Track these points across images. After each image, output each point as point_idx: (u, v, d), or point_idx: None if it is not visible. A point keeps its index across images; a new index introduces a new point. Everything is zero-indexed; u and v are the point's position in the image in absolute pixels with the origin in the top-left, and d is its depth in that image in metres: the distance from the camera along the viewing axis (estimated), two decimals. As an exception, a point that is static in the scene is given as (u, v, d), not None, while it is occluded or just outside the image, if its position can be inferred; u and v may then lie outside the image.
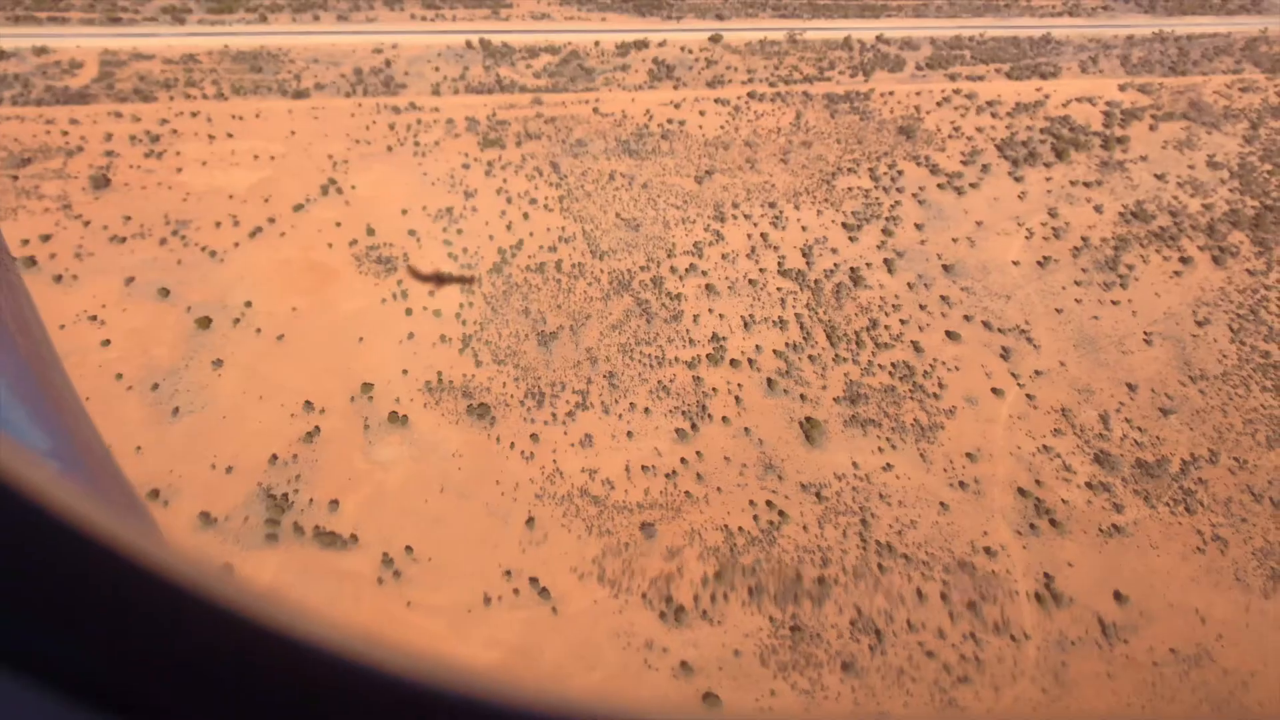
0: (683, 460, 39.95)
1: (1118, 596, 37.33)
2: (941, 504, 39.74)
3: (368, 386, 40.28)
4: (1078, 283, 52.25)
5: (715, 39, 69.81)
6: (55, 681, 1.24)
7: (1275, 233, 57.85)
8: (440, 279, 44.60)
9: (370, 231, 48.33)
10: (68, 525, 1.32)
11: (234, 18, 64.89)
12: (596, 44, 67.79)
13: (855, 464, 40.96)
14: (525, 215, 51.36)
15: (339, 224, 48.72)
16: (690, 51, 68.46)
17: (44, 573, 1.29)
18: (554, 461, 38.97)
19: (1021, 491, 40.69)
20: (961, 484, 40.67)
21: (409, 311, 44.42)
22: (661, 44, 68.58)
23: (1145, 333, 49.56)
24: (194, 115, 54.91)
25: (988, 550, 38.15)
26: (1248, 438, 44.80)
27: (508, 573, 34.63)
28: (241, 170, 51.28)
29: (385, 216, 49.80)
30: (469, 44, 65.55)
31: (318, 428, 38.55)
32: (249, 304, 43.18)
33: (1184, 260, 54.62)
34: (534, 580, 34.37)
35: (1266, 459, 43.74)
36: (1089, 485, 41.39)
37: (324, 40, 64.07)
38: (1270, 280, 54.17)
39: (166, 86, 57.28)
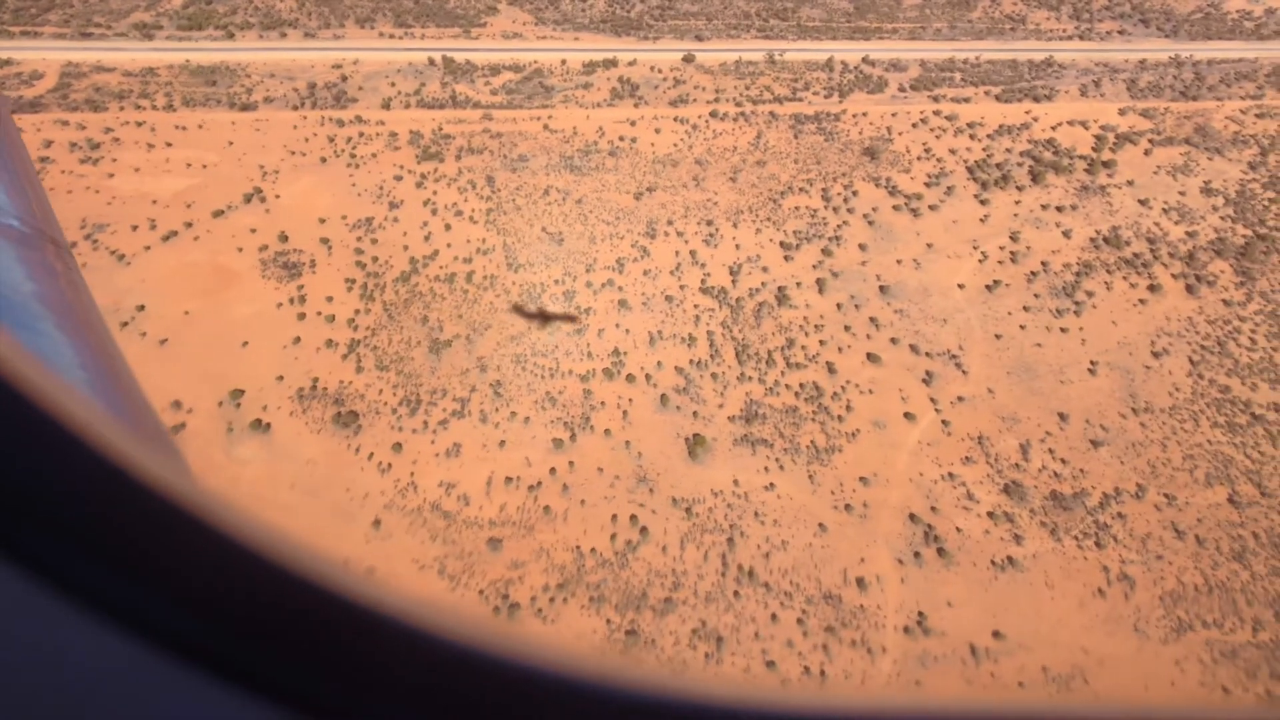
0: (552, 470, 40.75)
1: (996, 635, 36.67)
2: (820, 525, 39.68)
3: (238, 392, 42.15)
4: (1026, 308, 51.70)
5: (688, 59, 71.51)
6: (90, 605, 1.45)
7: (1263, 263, 56.38)
8: (545, 317, 46.59)
9: (283, 238, 50.74)
10: (107, 458, 1.53)
11: (202, 34, 69.13)
12: (563, 63, 70.11)
13: (736, 481, 41.19)
14: (447, 226, 53.26)
15: (254, 230, 51.27)
16: (659, 71, 70.24)
17: (83, 502, 1.49)
18: (411, 474, 40.13)
19: (913, 518, 40.37)
20: (847, 507, 40.54)
21: (302, 316, 46.42)
22: (631, 63, 70.56)
23: (1092, 362, 48.74)
24: (139, 125, 58.56)
25: (860, 581, 37.85)
26: (1184, 474, 43.63)
27: (346, 560, 35.70)
28: (172, 177, 54.45)
29: (302, 225, 52.24)
30: (431, 61, 68.50)
31: (183, 423, 40.52)
32: (141, 307, 45.64)
33: (1153, 288, 53.59)
34: (371, 569, 35.45)
35: (1200, 496, 42.52)
36: (990, 515, 40.83)
37: (285, 56, 67.75)
38: (1247, 311, 52.76)
39: (120, 97, 61.29)
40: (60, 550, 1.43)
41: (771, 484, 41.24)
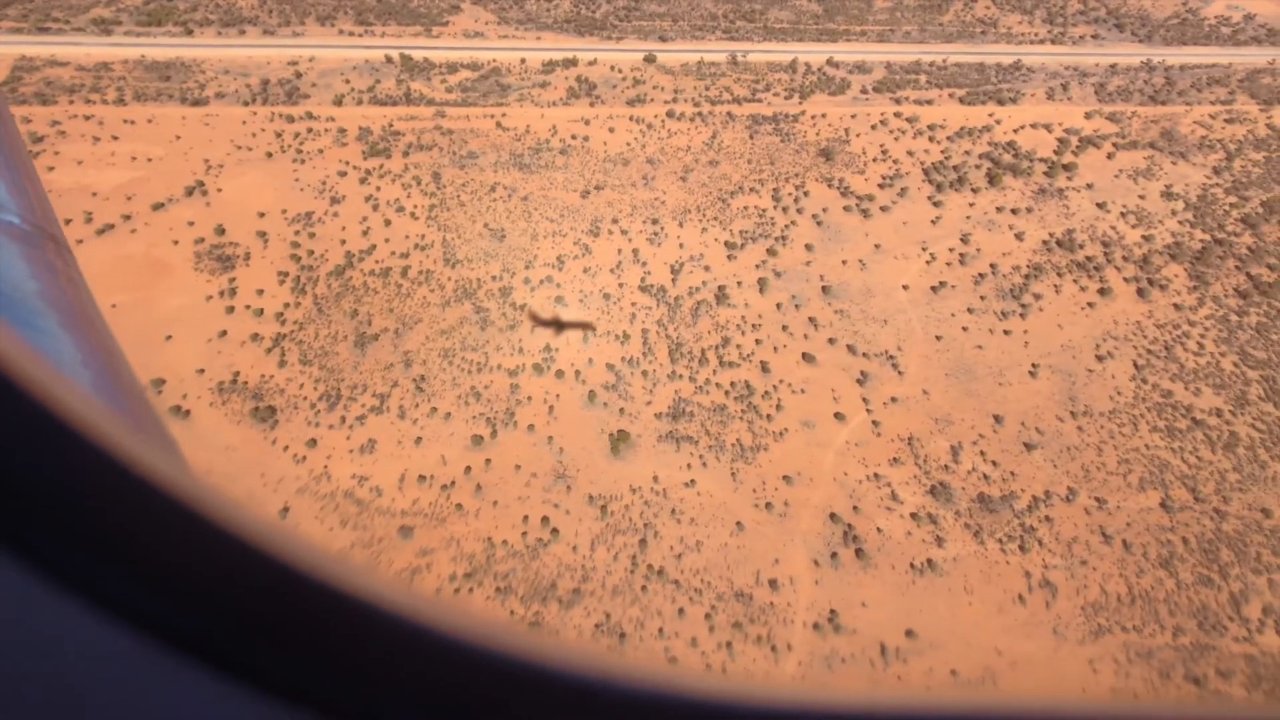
0: (467, 469, 40.78)
1: (909, 634, 36.56)
2: (738, 524, 39.59)
3: (159, 381, 42.36)
4: (970, 310, 51.62)
5: (649, 60, 71.77)
6: (90, 599, 1.49)
7: (1219, 267, 56.21)
8: (560, 324, 46.78)
9: (220, 231, 51.02)
10: (113, 455, 1.57)
11: (160, 30, 69.69)
12: (522, 62, 70.47)
13: (656, 478, 41.15)
14: (387, 222, 53.48)
15: (192, 223, 51.57)
16: (619, 71, 70.52)
17: (84, 497, 1.52)
18: (325, 466, 40.26)
19: (834, 517, 40.24)
20: (768, 505, 40.45)
21: (230, 310, 46.63)
22: (591, 63, 70.86)
23: (1033, 364, 48.60)
24: (87, 119, 59.02)
25: (772, 583, 37.77)
26: (1118, 478, 43.43)
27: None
28: (115, 170, 54.84)
29: (241, 218, 52.53)
30: (388, 59, 68.91)
31: (97, 414, 40.68)
32: (68, 295, 45.89)
33: (1103, 292, 53.46)
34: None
35: (1132, 501, 42.32)
36: (914, 516, 40.69)
37: (241, 53, 68.24)
38: (1198, 316, 52.58)
39: (71, 91, 61.80)
40: (66, 545, 1.46)
41: (692, 480, 41.19)
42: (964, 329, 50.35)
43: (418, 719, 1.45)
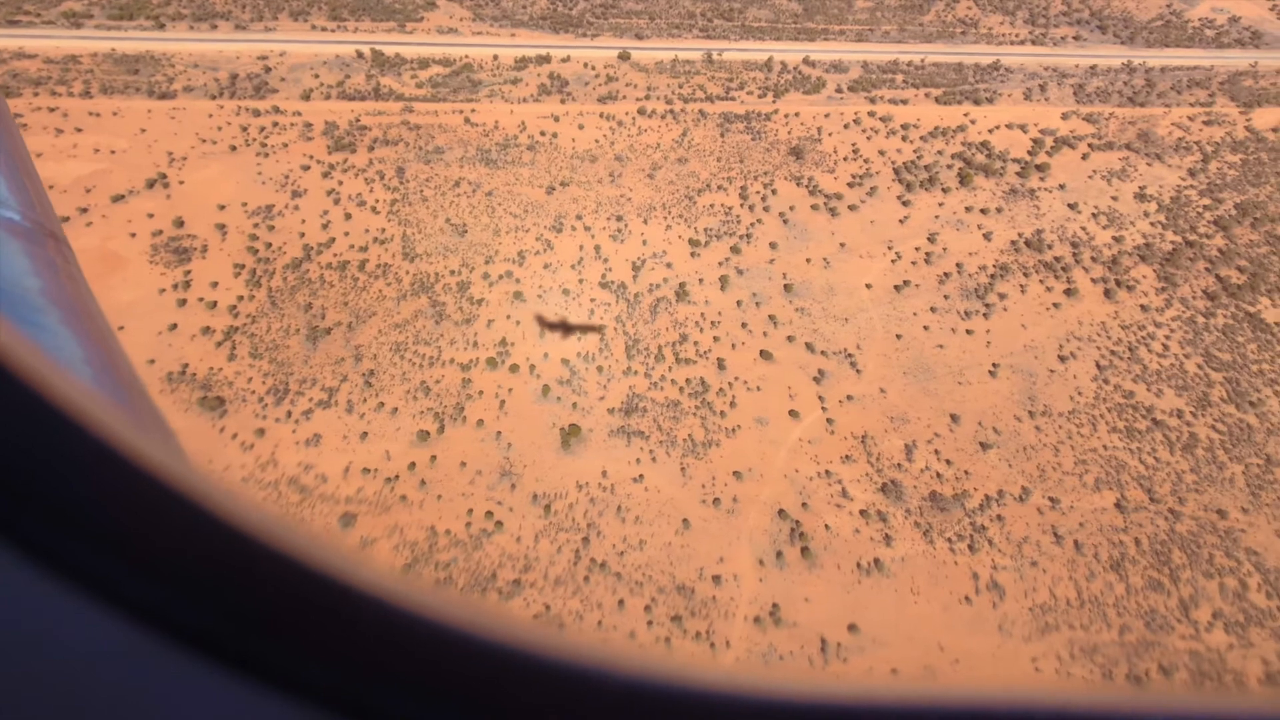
0: (411, 465, 40.84)
1: (852, 628, 36.58)
2: (684, 521, 39.62)
3: (106, 369, 42.44)
4: (933, 309, 51.66)
5: (624, 57, 71.93)
6: (94, 593, 1.49)
7: (1188, 269, 56.22)
8: (568, 328, 46.96)
9: (178, 224, 51.16)
10: (112, 447, 1.58)
11: (132, 24, 69.93)
12: (495, 58, 70.62)
13: (604, 473, 41.19)
14: (348, 216, 53.61)
15: (151, 215, 51.71)
16: (592, 68, 70.68)
17: (89, 493, 1.54)
18: (272, 454, 40.38)
19: (782, 514, 40.26)
20: (715, 501, 40.48)
21: (183, 303, 46.73)
22: (565, 60, 71.02)
23: (994, 364, 48.63)
24: (51, 110, 59.18)
25: (716, 578, 37.81)
26: (1074, 478, 43.45)
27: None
28: (76, 162, 54.99)
29: (201, 211, 52.66)
30: (360, 54, 69.09)
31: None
32: (19, 286, 46.04)
33: (1069, 292, 53.48)
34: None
35: (1086, 501, 42.33)
36: (863, 514, 40.72)
37: (212, 47, 68.45)
38: (1164, 317, 52.58)
39: (36, 84, 61.97)
40: (68, 537, 1.48)
41: (640, 476, 41.23)
42: (925, 328, 50.37)
43: (418, 708, 1.48)
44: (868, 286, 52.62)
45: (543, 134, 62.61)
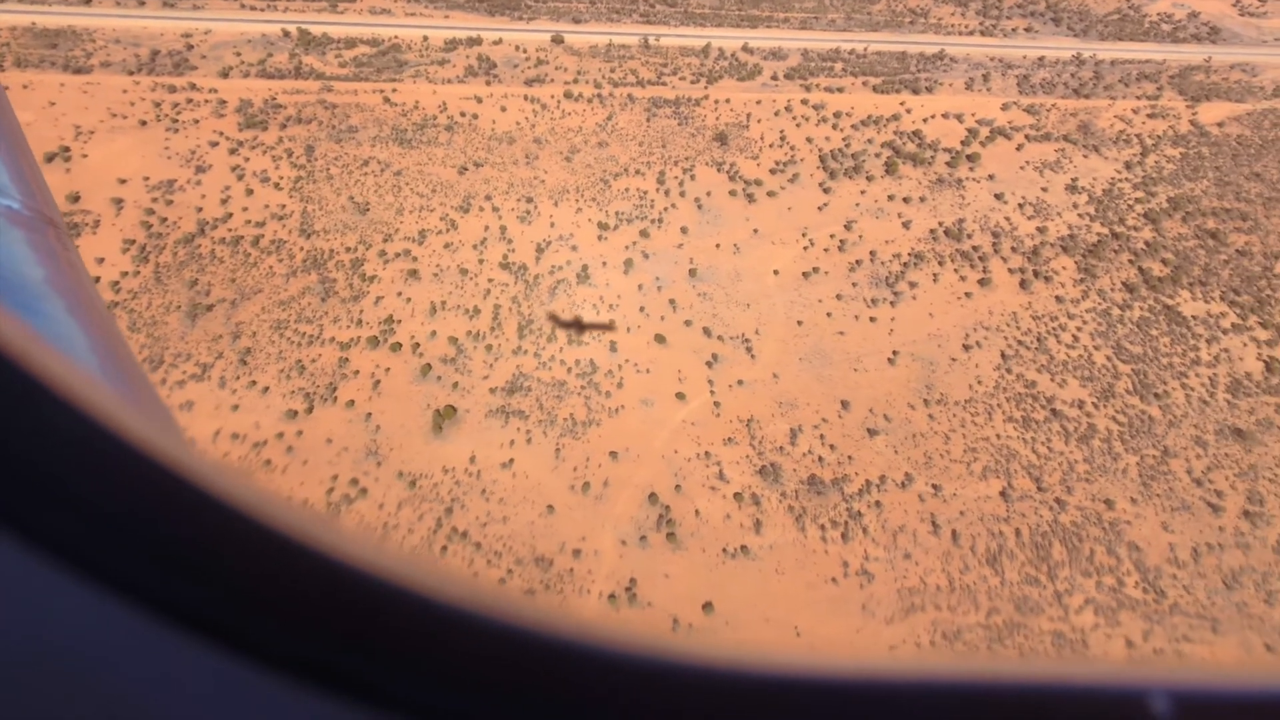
0: (279, 435, 41.02)
1: (707, 607, 36.63)
2: (549, 507, 39.69)
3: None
4: (839, 296, 51.73)
5: (557, 40, 72.15)
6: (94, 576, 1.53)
7: (1111, 261, 56.24)
8: (581, 325, 47.19)
9: (73, 199, 51.40)
10: (117, 434, 1.59)
11: (57, -1, 70.44)
12: (425, 39, 70.88)
13: (473, 458, 41.29)
14: (249, 191, 53.82)
15: (45, 189, 51.92)
16: (524, 51, 70.91)
17: (90, 478, 1.55)
18: (134, 423, 40.57)
19: (652, 498, 40.30)
20: (585, 486, 40.53)
21: (65, 273, 46.92)
22: (497, 42, 71.26)
23: (894, 352, 48.68)
24: (-40, 84, 59.53)
25: (576, 552, 37.93)
26: (961, 466, 43.48)
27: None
28: (-23, 135, 55.26)
29: (100, 186, 52.90)
30: (285, 33, 69.42)
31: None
32: (-104, 255, 46.32)
33: (983, 282, 53.53)
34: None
35: (971, 489, 42.37)
36: (737, 496, 40.75)
37: (136, 23, 68.77)
38: (1079, 309, 52.61)
39: (-52, 57, 62.45)
40: (73, 526, 1.50)
41: (510, 461, 41.29)
42: (828, 315, 50.47)
43: (428, 692, 1.49)
44: (775, 273, 52.70)
45: (463, 115, 62.82)
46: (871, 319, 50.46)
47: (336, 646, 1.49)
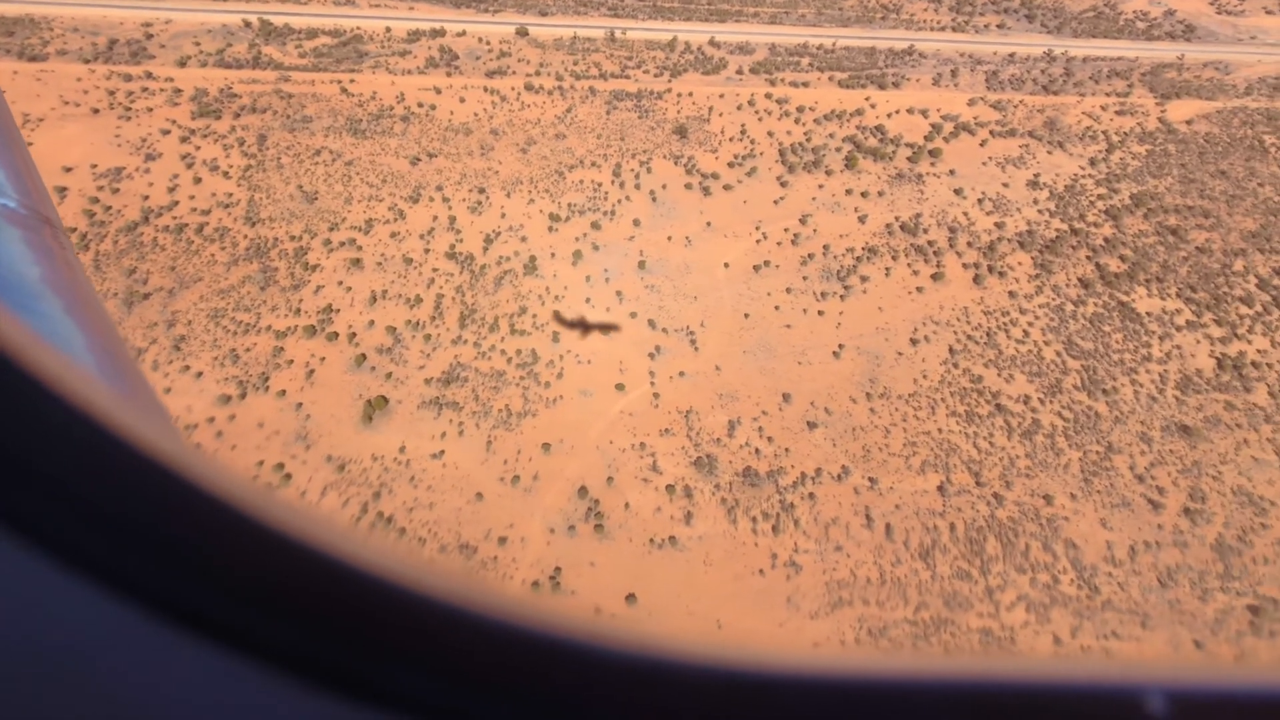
0: (210, 419, 41.01)
1: (630, 598, 36.56)
2: (478, 494, 39.64)
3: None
4: (789, 290, 51.65)
5: (521, 33, 72.22)
6: (94, 574, 1.52)
7: (1068, 257, 56.15)
8: (586, 326, 47.19)
9: (17, 184, 51.38)
10: (114, 433, 1.61)
11: (18, -13, 70.54)
12: (388, 30, 70.98)
13: (402, 448, 41.23)
14: (197, 180, 53.85)
15: (-10, 176, 51.98)
16: (487, 43, 70.97)
17: (90, 478, 1.57)
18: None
19: (582, 491, 40.22)
20: (515, 479, 40.46)
21: None
22: (460, 34, 71.35)
23: (840, 345, 48.58)
24: (-91, 71, 59.72)
25: (501, 539, 37.89)
26: (899, 459, 43.37)
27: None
28: (-75, 122, 55.33)
29: (48, 172, 52.75)
30: (246, 23, 69.52)
31: None
32: None
33: (936, 277, 53.45)
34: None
35: (907, 483, 42.25)
36: (669, 489, 40.63)
37: (96, 12, 68.89)
38: (1032, 304, 52.50)
39: (-98, 44, 62.56)
40: (73, 524, 1.52)
41: (441, 451, 41.24)
42: (776, 308, 50.39)
43: (429, 689, 1.52)
44: (725, 266, 52.65)
45: (420, 106, 62.86)
46: (820, 312, 50.36)
47: (335, 644, 1.51)
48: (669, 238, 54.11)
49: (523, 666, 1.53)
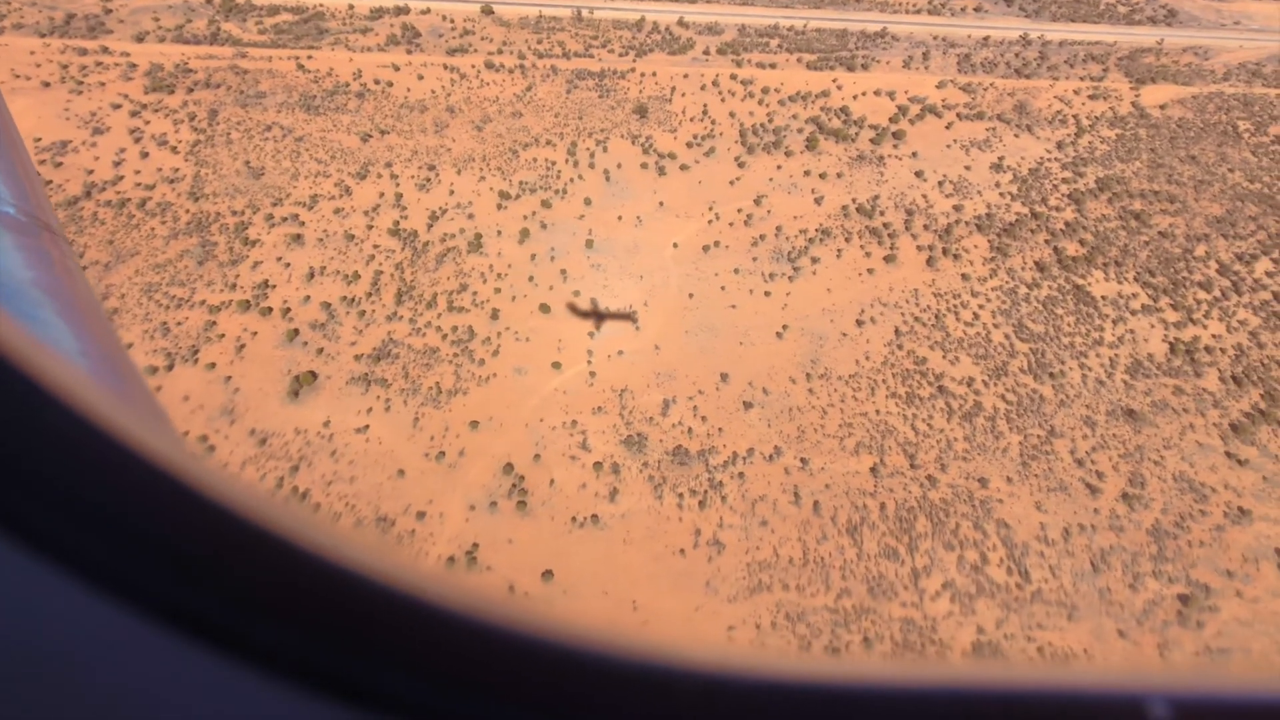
0: (133, 394, 41.00)
1: (546, 575, 36.50)
2: (400, 470, 39.59)
3: None
4: (736, 271, 51.45)
5: (486, 11, 72.01)
6: (95, 579, 1.52)
7: (1027, 240, 55.80)
8: (600, 315, 47.29)
9: (-41, 157, 51.50)
10: (110, 434, 1.62)
11: (-21, -39, 70.60)
12: (350, 7, 70.83)
13: (327, 423, 41.21)
14: (144, 154, 53.86)
15: (-67, 148, 52.10)
16: (450, 21, 70.79)
17: (86, 479, 1.57)
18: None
19: (508, 468, 40.14)
20: (440, 454, 40.42)
21: (-62, 230, 47.07)
22: (424, 12, 71.18)
23: (784, 326, 48.37)
24: None
25: (420, 514, 37.85)
26: (834, 440, 43.19)
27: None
28: (-127, 94, 55.47)
29: (-10, 145, 52.99)
30: (209, 0, 69.54)
31: None
32: None
33: (888, 259, 53.17)
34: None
35: (839, 463, 42.07)
36: (596, 466, 40.53)
37: (57, -13, 69.05)
38: (985, 287, 52.18)
39: None
40: (70, 526, 1.53)
41: (366, 426, 41.19)
42: (722, 288, 50.21)
43: (418, 690, 1.53)
44: (675, 246, 52.48)
45: (377, 83, 62.77)
46: (766, 293, 50.16)
47: (333, 648, 1.52)
48: (619, 217, 53.92)
49: (514, 670, 1.54)
